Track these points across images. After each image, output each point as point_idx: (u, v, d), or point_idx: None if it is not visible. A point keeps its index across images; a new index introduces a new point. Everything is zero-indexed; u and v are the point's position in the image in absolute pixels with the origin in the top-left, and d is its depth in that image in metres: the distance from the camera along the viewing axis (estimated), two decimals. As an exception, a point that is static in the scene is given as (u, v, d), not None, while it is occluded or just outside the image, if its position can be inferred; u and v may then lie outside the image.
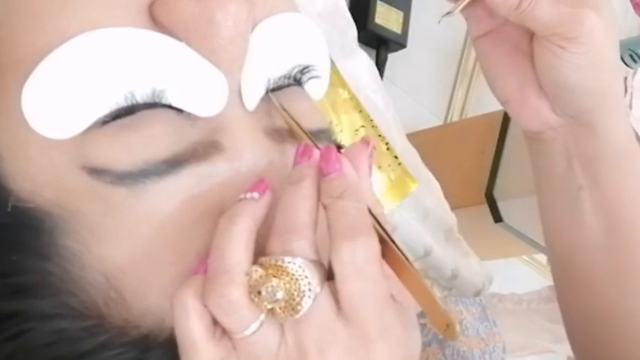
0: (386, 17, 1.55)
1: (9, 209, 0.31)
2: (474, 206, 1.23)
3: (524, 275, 1.95)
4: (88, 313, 0.31)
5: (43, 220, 0.31)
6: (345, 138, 0.70)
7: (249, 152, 0.32)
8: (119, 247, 0.31)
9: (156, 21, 0.31)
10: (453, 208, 0.81)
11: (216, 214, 0.31)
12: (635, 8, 1.35)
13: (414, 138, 0.81)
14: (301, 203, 0.30)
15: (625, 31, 1.34)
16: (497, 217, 1.21)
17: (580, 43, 0.41)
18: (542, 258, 1.81)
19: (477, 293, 0.80)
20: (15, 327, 0.31)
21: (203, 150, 0.31)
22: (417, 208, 0.76)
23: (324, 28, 0.70)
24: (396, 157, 0.74)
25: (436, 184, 0.79)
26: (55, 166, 0.30)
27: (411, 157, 0.77)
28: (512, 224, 1.21)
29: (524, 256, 1.91)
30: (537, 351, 1.33)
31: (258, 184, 0.31)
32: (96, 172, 0.30)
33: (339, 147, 0.41)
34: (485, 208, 1.22)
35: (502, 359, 0.66)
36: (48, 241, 0.31)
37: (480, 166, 1.25)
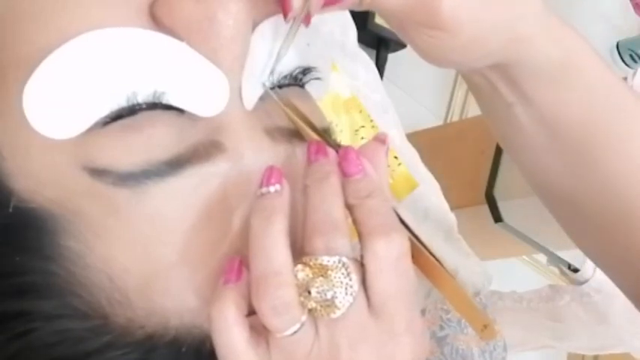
0: (386, 17, 1.54)
1: (11, 210, 0.31)
2: (474, 206, 1.23)
3: (524, 275, 1.95)
4: (93, 313, 0.31)
5: (45, 220, 0.31)
6: (345, 138, 0.70)
7: (250, 152, 0.32)
8: (122, 248, 0.31)
9: (157, 21, 0.31)
10: (452, 208, 0.81)
11: (218, 213, 0.31)
12: (635, 8, 1.35)
13: (414, 138, 0.81)
14: (335, 200, 0.31)
15: (625, 31, 1.34)
16: (498, 217, 1.21)
17: (444, 29, 0.35)
18: (542, 258, 1.82)
19: (477, 293, 0.80)
20: (20, 327, 0.31)
21: (204, 150, 0.31)
22: (417, 208, 0.76)
23: (325, 28, 0.70)
24: (396, 157, 0.74)
25: (436, 184, 0.79)
26: (56, 167, 0.30)
27: (411, 157, 0.77)
28: (512, 224, 1.21)
29: (524, 256, 1.91)
30: (538, 346, 1.33)
31: (273, 172, 0.31)
32: (97, 172, 0.30)
33: (339, 147, 0.41)
34: (485, 208, 1.22)
35: (503, 358, 0.65)
36: (50, 242, 0.31)
37: (480, 166, 1.25)
